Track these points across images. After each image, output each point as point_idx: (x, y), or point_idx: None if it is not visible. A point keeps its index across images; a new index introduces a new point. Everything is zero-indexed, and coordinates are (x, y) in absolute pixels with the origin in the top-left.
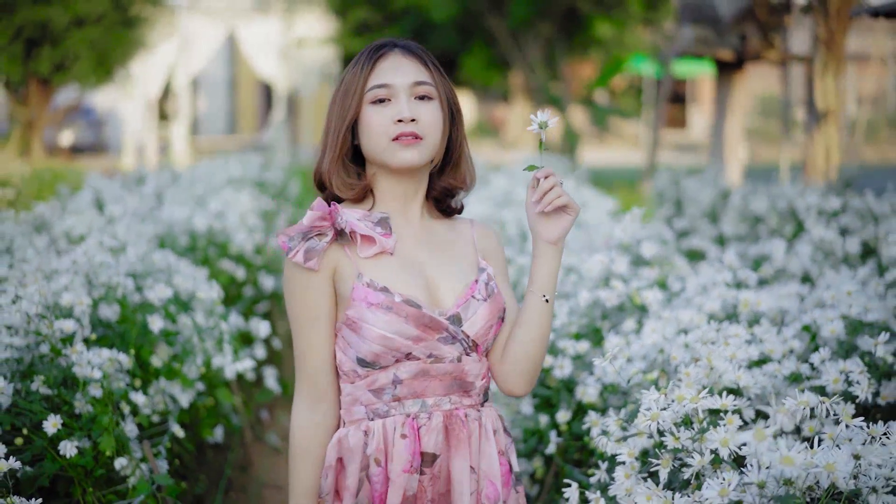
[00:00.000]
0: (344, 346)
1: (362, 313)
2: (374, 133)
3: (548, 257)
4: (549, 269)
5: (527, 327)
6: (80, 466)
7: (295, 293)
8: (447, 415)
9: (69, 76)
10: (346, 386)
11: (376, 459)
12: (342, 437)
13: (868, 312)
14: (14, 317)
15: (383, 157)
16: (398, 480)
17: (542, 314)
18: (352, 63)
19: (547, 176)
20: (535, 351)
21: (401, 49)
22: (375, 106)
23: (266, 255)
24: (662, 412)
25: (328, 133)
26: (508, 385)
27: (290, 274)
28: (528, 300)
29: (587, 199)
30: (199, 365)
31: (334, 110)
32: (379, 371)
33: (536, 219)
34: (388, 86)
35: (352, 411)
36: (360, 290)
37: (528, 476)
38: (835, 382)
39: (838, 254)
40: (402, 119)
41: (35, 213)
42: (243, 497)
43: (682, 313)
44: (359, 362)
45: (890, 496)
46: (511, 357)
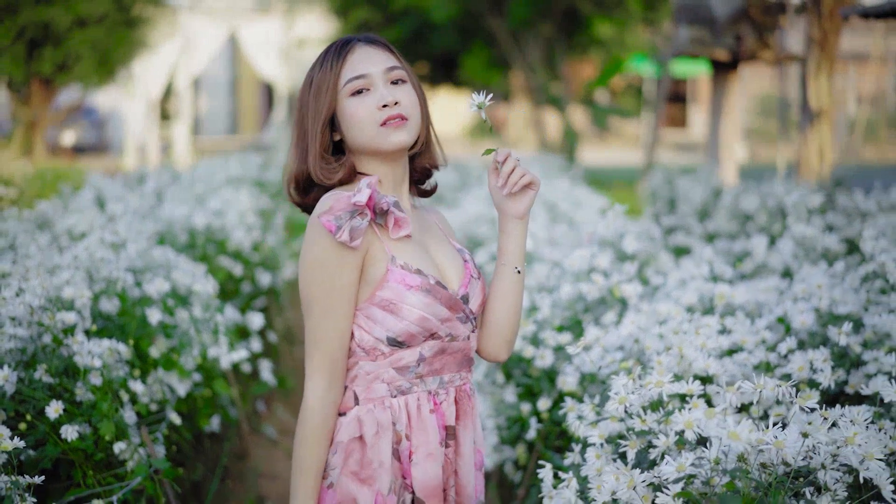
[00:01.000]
0: (369, 325)
1: (402, 295)
2: (361, 123)
3: (517, 232)
4: (519, 243)
5: (503, 299)
6: (80, 450)
7: (328, 273)
8: (457, 390)
9: (71, 76)
10: (365, 364)
11: (406, 435)
12: (362, 414)
13: (839, 305)
14: (18, 308)
15: (375, 144)
16: (436, 454)
17: (516, 284)
18: (316, 64)
19: (506, 158)
20: (514, 319)
21: (364, 41)
22: (355, 97)
23: (263, 252)
24: (630, 396)
25: (305, 136)
26: (493, 353)
27: (325, 254)
28: (501, 273)
29: (580, 198)
30: (195, 356)
31: (307, 112)
32: (405, 349)
33: (503, 199)
34: (365, 75)
35: (372, 388)
36: (397, 273)
37: (512, 462)
38: (800, 370)
39: (819, 250)
40: (387, 104)
41: (38, 211)
42: (240, 486)
43: (660, 306)
44: (389, 341)
45: (836, 472)
46: (493, 328)
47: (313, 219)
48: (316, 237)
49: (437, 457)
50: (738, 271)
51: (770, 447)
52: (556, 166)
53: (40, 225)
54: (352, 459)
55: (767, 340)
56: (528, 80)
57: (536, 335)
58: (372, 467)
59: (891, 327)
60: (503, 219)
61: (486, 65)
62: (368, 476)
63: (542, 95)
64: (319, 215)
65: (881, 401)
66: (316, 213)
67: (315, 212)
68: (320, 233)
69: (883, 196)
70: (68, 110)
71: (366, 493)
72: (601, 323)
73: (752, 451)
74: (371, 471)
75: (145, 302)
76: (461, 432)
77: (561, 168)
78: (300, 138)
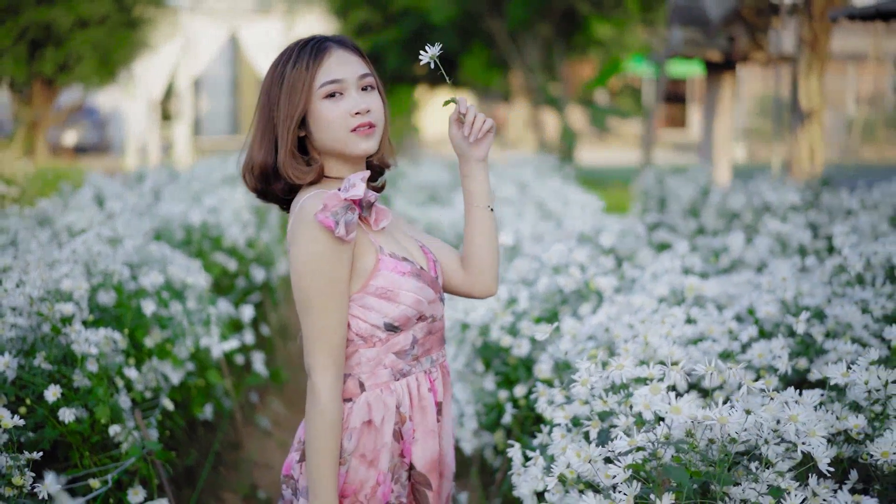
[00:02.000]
0: (364, 313)
1: (396, 281)
2: (333, 126)
3: (482, 174)
4: (485, 183)
5: (483, 236)
6: (77, 433)
7: (325, 268)
8: (441, 366)
9: (73, 77)
10: (366, 351)
11: (410, 416)
12: (370, 399)
13: (805, 297)
14: (18, 299)
15: (344, 148)
16: (435, 429)
17: (491, 220)
18: (289, 60)
19: (467, 109)
20: (495, 253)
21: (339, 45)
22: (329, 100)
23: (258, 249)
24: (591, 379)
25: (273, 129)
26: (485, 288)
27: (324, 250)
28: (476, 215)
29: (570, 197)
30: (189, 346)
31: (277, 106)
32: (400, 334)
33: (467, 146)
34: (340, 80)
35: (376, 374)
36: (388, 261)
37: (492, 448)
38: (759, 357)
39: (794, 246)
40: (360, 111)
41: (38, 209)
42: (234, 475)
43: (634, 298)
44: (385, 327)
45: (778, 447)
46: (481, 264)
47: (307, 217)
48: (315, 234)
49: (435, 433)
50: (715, 266)
51: (715, 423)
52: (549, 166)
53: (41, 222)
54: (362, 443)
55: (734, 330)
56: (527, 81)
57: (514, 325)
58: (377, 450)
59: (852, 318)
60: (467, 165)
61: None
62: (375, 458)
63: (540, 96)
64: (315, 213)
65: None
66: (309, 212)
67: (306, 210)
68: (319, 230)
69: (867, 194)
70: (70, 110)
71: (372, 474)
72: (578, 314)
73: (699, 427)
74: (376, 453)
75: (141, 294)
76: (445, 406)
77: (553, 168)
78: (266, 129)
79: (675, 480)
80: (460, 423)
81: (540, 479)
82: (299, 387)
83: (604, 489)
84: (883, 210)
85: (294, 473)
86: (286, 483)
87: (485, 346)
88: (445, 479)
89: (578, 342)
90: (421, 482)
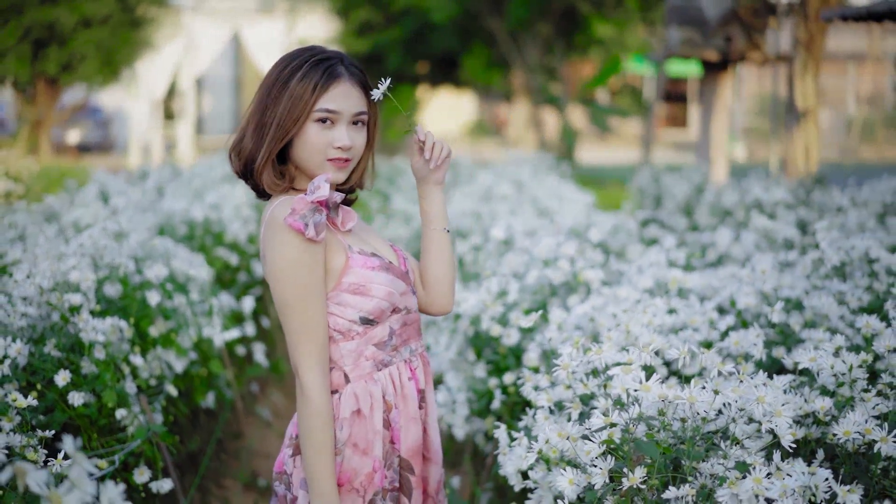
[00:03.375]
0: (340, 309)
1: (368, 276)
2: (314, 150)
3: (439, 197)
4: (442, 206)
5: (439, 255)
6: (85, 416)
7: (301, 270)
8: (420, 355)
9: (76, 76)
10: (346, 344)
11: (396, 404)
12: (357, 390)
13: (785, 289)
14: (29, 289)
15: (315, 170)
16: (417, 417)
17: (447, 242)
18: (299, 69)
19: (425, 137)
20: (451, 273)
21: (350, 77)
22: (318, 124)
23: (258, 244)
24: (573, 363)
25: (263, 128)
26: (440, 307)
27: (297, 253)
28: (433, 237)
29: (565, 194)
30: (192, 336)
31: (273, 110)
32: (377, 326)
33: (426, 170)
34: (337, 112)
35: (359, 366)
36: (358, 258)
37: (483, 434)
38: (735, 344)
39: (779, 241)
40: (342, 147)
41: (45, 205)
42: (235, 463)
43: (620, 290)
44: (361, 321)
45: (748, 427)
46: (436, 285)
47: (277, 222)
48: (287, 238)
49: (417, 419)
50: (703, 260)
51: (684, 402)
52: (546, 165)
53: (48, 218)
54: (354, 433)
55: (714, 321)
56: (527, 80)
57: (504, 316)
58: (368, 437)
59: (829, 309)
60: (426, 188)
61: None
62: (366, 446)
63: (541, 95)
64: (284, 218)
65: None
66: (279, 218)
67: (274, 216)
68: (290, 234)
69: (856, 192)
70: (73, 109)
71: (366, 461)
72: (566, 306)
73: (670, 406)
74: (368, 441)
75: (146, 286)
76: (428, 394)
77: (550, 167)
78: (259, 126)
79: (646, 455)
80: (452, 410)
81: (524, 457)
82: None
83: (582, 465)
84: (871, 207)
85: (287, 469)
86: (279, 479)
87: (476, 335)
88: (434, 465)
89: (565, 331)
90: (404, 467)
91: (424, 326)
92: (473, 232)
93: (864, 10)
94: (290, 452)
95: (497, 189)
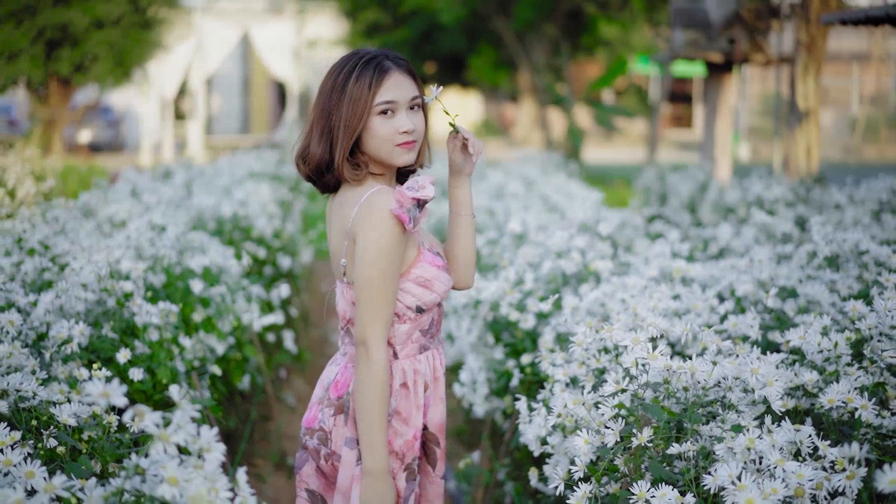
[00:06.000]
0: (402, 295)
1: (435, 273)
2: (383, 139)
3: (468, 187)
4: (470, 195)
5: (465, 240)
6: (142, 391)
7: (393, 255)
8: (442, 344)
9: (88, 76)
10: (401, 326)
11: (428, 384)
12: (405, 366)
13: (780, 278)
14: (89, 276)
15: (388, 158)
16: (444, 397)
17: (472, 226)
18: (352, 72)
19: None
20: (473, 253)
21: (397, 67)
22: (381, 117)
23: (283, 239)
24: (586, 340)
25: (331, 132)
26: (465, 282)
27: (395, 240)
28: (461, 222)
29: (573, 192)
30: (231, 321)
31: (337, 113)
32: (425, 315)
33: (462, 163)
34: (395, 102)
35: (407, 346)
36: (428, 255)
37: (500, 412)
38: (734, 326)
39: (778, 235)
40: (407, 131)
41: (81, 201)
42: (265, 444)
43: (627, 279)
44: (416, 309)
45: (742, 394)
46: (463, 263)
47: (382, 209)
48: (390, 224)
49: (444, 399)
50: (705, 253)
51: (686, 371)
52: (554, 163)
53: (85, 213)
54: (400, 403)
55: (715, 306)
56: (533, 81)
57: (522, 302)
58: (410, 410)
59: (820, 296)
60: (459, 178)
61: (492, 65)
62: (408, 416)
63: (547, 95)
64: (391, 208)
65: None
66: (382, 205)
67: (378, 204)
68: (393, 221)
69: (855, 190)
70: (85, 109)
71: (408, 430)
72: (578, 293)
73: (673, 376)
74: (409, 412)
75: (187, 275)
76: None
77: (558, 165)
78: (325, 130)
79: (652, 417)
80: (473, 390)
81: (542, 426)
82: (319, 368)
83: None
84: (868, 205)
85: (325, 426)
86: (310, 434)
87: (495, 320)
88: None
89: (577, 315)
90: (431, 440)
91: (446, 314)
92: (488, 227)
93: (863, 14)
94: (332, 412)
95: (508, 187)
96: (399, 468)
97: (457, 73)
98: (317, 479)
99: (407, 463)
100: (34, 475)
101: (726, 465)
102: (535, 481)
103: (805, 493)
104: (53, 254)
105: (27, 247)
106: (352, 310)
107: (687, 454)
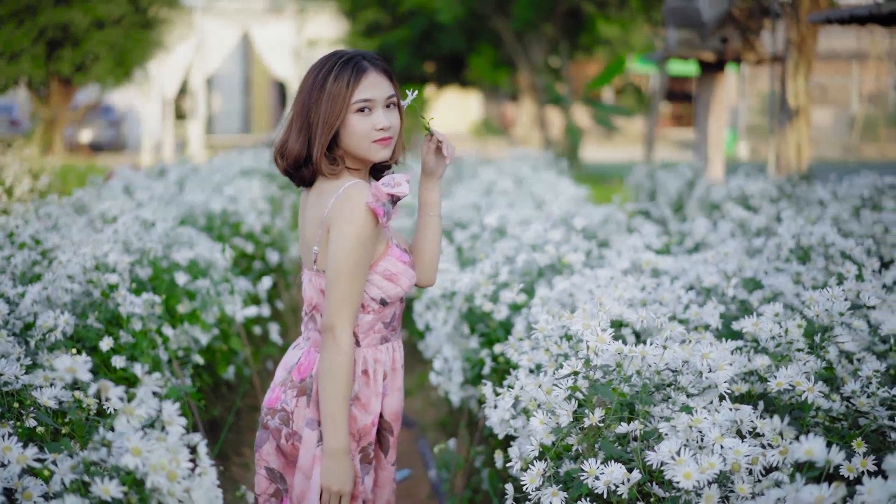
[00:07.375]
0: (368, 287)
1: (401, 269)
2: (360, 136)
3: (438, 188)
4: (438, 196)
5: (431, 239)
6: (125, 379)
7: (365, 247)
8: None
9: (89, 76)
10: (364, 316)
11: (386, 375)
12: (366, 354)
13: (746, 270)
14: (75, 268)
15: (365, 154)
16: (401, 387)
17: (439, 227)
18: (331, 72)
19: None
20: (438, 251)
21: (374, 67)
22: (359, 114)
23: (272, 235)
24: (548, 327)
25: (309, 128)
26: (427, 281)
27: (368, 233)
28: (430, 222)
29: (561, 189)
30: (215, 313)
31: (315, 110)
32: (388, 308)
33: (435, 165)
34: (372, 100)
35: (369, 336)
36: (396, 251)
37: (475, 400)
38: (695, 315)
39: (753, 230)
40: (384, 128)
41: (75, 198)
42: (251, 434)
43: (599, 271)
44: (380, 301)
45: (695, 378)
46: (427, 262)
47: (358, 202)
48: (364, 217)
49: (401, 390)
50: (681, 246)
51: (637, 355)
52: (546, 161)
53: (77, 209)
54: (360, 389)
55: (681, 297)
56: (532, 80)
57: (495, 294)
58: (369, 396)
59: (784, 287)
60: (431, 181)
61: (492, 65)
62: (367, 403)
63: (546, 95)
64: (367, 201)
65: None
66: (358, 198)
67: (350, 195)
68: (367, 214)
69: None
70: (86, 109)
71: (366, 416)
72: (552, 285)
73: (626, 359)
74: (369, 399)
75: (174, 268)
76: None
77: (550, 163)
78: (303, 127)
79: (604, 398)
80: (449, 378)
81: (507, 409)
82: None
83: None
84: (850, 201)
85: (287, 407)
86: (272, 415)
87: (470, 311)
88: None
89: (547, 305)
90: (386, 428)
91: (425, 307)
92: (472, 222)
93: (847, 13)
94: (294, 394)
95: (498, 184)
96: (355, 450)
97: (456, 73)
98: (277, 457)
99: (363, 447)
100: (10, 449)
101: (667, 442)
102: (500, 463)
103: (741, 467)
104: (44, 248)
105: (18, 241)
106: (319, 297)
107: (635, 433)
